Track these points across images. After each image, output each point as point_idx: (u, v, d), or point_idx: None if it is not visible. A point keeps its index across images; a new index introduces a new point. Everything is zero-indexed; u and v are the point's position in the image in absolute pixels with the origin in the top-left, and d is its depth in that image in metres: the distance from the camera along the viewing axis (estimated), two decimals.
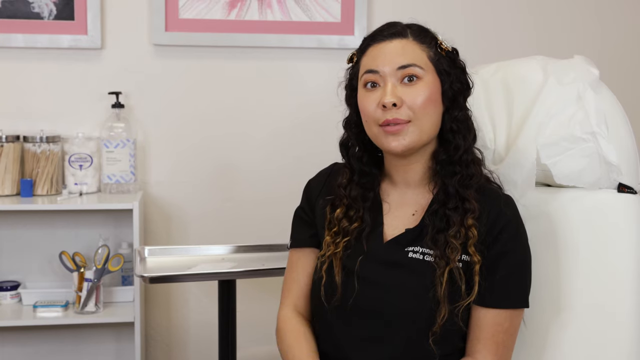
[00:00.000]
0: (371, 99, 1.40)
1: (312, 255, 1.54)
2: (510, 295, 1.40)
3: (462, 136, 1.43)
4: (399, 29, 1.42)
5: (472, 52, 1.54)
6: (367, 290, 1.41)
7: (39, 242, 2.59)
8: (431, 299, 1.36)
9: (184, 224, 2.68)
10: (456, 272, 1.36)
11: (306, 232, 1.56)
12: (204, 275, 2.04)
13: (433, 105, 1.40)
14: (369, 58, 1.42)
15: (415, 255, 1.40)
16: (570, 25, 2.79)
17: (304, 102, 2.68)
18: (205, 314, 2.67)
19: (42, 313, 2.41)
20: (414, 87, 1.38)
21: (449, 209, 1.40)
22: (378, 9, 2.68)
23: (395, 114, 1.37)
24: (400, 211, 1.47)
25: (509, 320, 1.40)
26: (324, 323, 1.48)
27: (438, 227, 1.40)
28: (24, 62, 2.57)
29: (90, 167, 2.53)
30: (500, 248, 1.39)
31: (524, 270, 1.43)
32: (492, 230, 1.39)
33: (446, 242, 1.38)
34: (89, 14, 2.54)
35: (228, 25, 2.62)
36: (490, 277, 1.38)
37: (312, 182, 1.60)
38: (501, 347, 1.39)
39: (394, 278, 1.40)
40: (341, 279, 1.42)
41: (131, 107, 2.61)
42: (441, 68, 1.41)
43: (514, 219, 1.42)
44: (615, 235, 1.48)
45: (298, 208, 1.60)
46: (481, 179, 1.44)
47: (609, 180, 1.50)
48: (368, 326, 1.41)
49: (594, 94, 1.52)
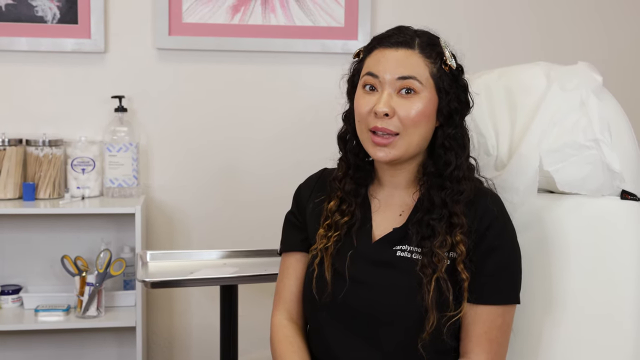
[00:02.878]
0: (366, 102, 1.41)
1: (304, 259, 1.55)
2: (501, 291, 1.40)
3: (455, 153, 1.43)
4: (407, 37, 1.42)
5: (476, 58, 1.54)
6: (356, 289, 1.42)
7: (40, 246, 2.59)
8: (419, 302, 1.36)
9: (187, 228, 2.68)
10: (443, 283, 1.36)
11: (297, 237, 1.57)
12: (206, 280, 2.03)
13: (425, 121, 1.40)
14: (373, 60, 1.42)
15: (403, 254, 1.41)
16: (575, 30, 2.79)
17: (307, 106, 2.68)
18: (206, 318, 2.67)
19: (44, 317, 2.41)
20: (409, 100, 1.38)
21: (432, 219, 1.40)
22: (381, 13, 2.68)
23: (385, 123, 1.38)
24: (387, 211, 1.48)
25: (501, 317, 1.40)
26: (315, 321, 1.49)
27: (423, 234, 1.40)
28: (27, 66, 2.57)
29: (92, 170, 2.53)
30: (488, 244, 1.39)
31: (513, 266, 1.43)
32: (479, 227, 1.40)
33: (432, 251, 1.38)
34: (92, 18, 2.55)
35: (231, 30, 2.62)
36: (480, 274, 1.38)
37: (301, 187, 1.62)
38: (494, 344, 1.39)
39: (382, 277, 1.41)
40: (330, 275, 1.44)
41: (134, 111, 2.61)
42: (441, 86, 1.41)
43: (501, 215, 1.42)
44: (618, 242, 1.48)
45: (288, 213, 1.61)
46: (471, 193, 1.43)
47: (612, 187, 1.50)
48: (358, 326, 1.42)
49: (598, 101, 1.51)
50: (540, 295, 1.50)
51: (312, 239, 1.52)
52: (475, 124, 1.62)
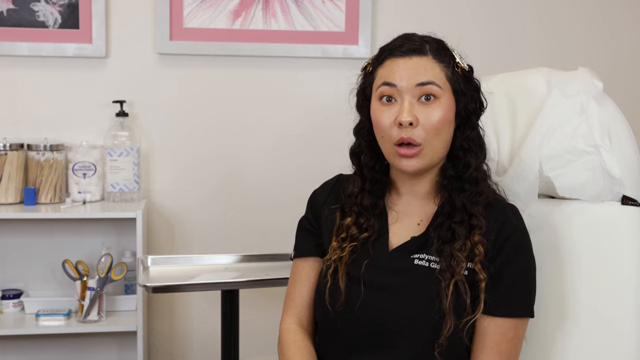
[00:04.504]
0: (387, 114, 1.39)
1: (316, 265, 1.53)
2: (515, 304, 1.39)
3: (474, 155, 1.43)
4: (417, 45, 1.41)
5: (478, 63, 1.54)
6: (372, 296, 1.40)
7: (42, 250, 2.59)
8: (437, 309, 1.35)
9: (188, 232, 2.68)
10: (461, 286, 1.35)
11: (311, 242, 1.55)
12: (207, 285, 2.04)
13: (447, 126, 1.40)
14: (387, 70, 1.41)
15: (421, 262, 1.40)
16: (577, 36, 2.79)
17: (308, 111, 2.68)
18: (208, 323, 2.67)
19: (45, 322, 2.41)
20: (431, 106, 1.38)
21: (454, 222, 1.39)
22: (382, 18, 2.68)
23: (410, 133, 1.36)
24: (405, 221, 1.47)
25: (513, 330, 1.39)
26: (327, 331, 1.47)
27: (443, 238, 1.39)
28: (28, 71, 2.57)
29: (93, 175, 2.53)
30: (505, 257, 1.38)
31: (529, 280, 1.42)
32: (497, 239, 1.39)
33: (451, 254, 1.37)
34: (93, 23, 2.55)
35: (232, 35, 2.62)
36: (495, 285, 1.37)
37: (317, 192, 1.59)
38: (504, 357, 1.38)
39: (399, 284, 1.39)
40: (345, 284, 1.42)
41: (135, 115, 2.61)
42: (457, 88, 1.41)
43: (519, 228, 1.42)
44: (618, 247, 1.48)
45: (302, 218, 1.59)
46: (490, 195, 1.43)
47: (612, 192, 1.50)
48: (372, 334, 1.40)
49: (598, 107, 1.51)
50: (541, 299, 1.49)
51: (325, 245, 1.51)
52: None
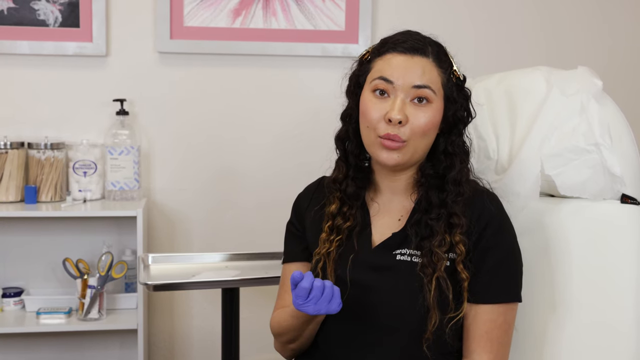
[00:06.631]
0: (378, 108, 1.39)
1: (304, 269, 1.54)
2: (500, 289, 1.40)
3: (460, 159, 1.44)
4: (420, 44, 1.41)
5: (478, 62, 1.55)
6: (357, 294, 1.42)
7: (42, 248, 2.59)
8: (421, 303, 1.36)
9: (188, 230, 2.68)
10: (443, 282, 1.36)
11: (297, 247, 1.57)
12: (208, 283, 2.04)
13: (433, 130, 1.41)
14: (386, 64, 1.41)
15: (403, 258, 1.41)
16: (577, 35, 2.79)
17: (307, 110, 2.68)
18: (208, 321, 2.67)
19: (45, 320, 2.42)
20: (422, 109, 1.38)
21: (431, 219, 1.40)
22: (382, 17, 2.69)
23: (396, 130, 1.37)
24: (386, 217, 1.48)
25: (502, 316, 1.39)
26: (319, 330, 1.48)
27: (422, 234, 1.40)
28: (29, 69, 2.58)
29: (94, 174, 2.54)
30: (486, 243, 1.39)
31: (512, 264, 1.42)
32: (477, 226, 1.40)
33: (431, 250, 1.38)
34: (94, 22, 2.55)
35: (233, 33, 2.62)
36: (478, 272, 1.39)
37: (300, 197, 1.61)
38: (496, 343, 1.39)
39: (384, 281, 1.41)
40: (333, 281, 1.43)
41: (135, 114, 2.62)
42: (450, 95, 1.42)
43: (498, 214, 1.43)
44: (618, 246, 1.48)
45: (288, 223, 1.61)
46: (470, 194, 1.43)
47: (613, 191, 1.50)
48: (361, 331, 1.41)
49: (598, 105, 1.52)
50: (542, 297, 1.50)
51: (311, 248, 1.52)
52: (476, 128, 1.62)
